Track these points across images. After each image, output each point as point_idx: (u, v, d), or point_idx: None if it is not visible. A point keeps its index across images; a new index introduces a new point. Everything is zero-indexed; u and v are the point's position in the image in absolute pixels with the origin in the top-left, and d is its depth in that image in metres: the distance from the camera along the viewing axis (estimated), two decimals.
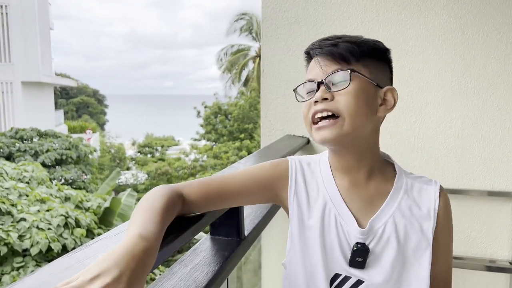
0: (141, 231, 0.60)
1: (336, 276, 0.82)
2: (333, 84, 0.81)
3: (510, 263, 2.09)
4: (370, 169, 0.87)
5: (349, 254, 0.81)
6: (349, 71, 0.80)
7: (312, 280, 0.83)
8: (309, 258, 0.83)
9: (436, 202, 0.85)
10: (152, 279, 5.69)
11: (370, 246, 0.81)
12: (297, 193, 0.87)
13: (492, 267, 2.09)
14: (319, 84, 0.81)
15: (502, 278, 2.14)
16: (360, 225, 0.82)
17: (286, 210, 0.90)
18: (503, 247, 2.12)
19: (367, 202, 0.85)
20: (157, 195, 0.72)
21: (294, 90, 0.88)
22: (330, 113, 0.79)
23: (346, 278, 0.81)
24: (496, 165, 2.08)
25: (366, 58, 0.82)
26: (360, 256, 0.80)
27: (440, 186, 0.87)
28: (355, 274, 0.81)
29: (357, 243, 0.81)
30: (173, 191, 0.76)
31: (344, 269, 0.81)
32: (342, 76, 0.80)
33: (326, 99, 0.80)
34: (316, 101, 0.81)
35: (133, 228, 0.62)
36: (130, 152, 22.42)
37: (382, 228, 0.82)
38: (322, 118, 0.80)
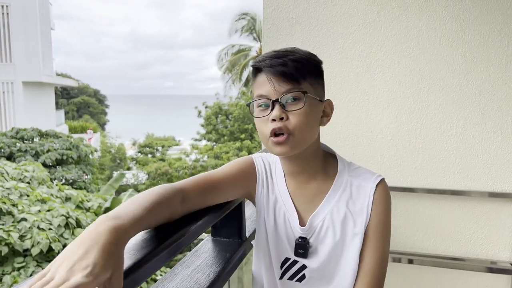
0: (111, 213, 0.63)
1: (286, 259, 0.98)
2: (286, 102, 0.89)
3: (511, 264, 2.08)
4: (313, 171, 0.98)
5: (294, 245, 0.96)
6: (302, 93, 0.89)
7: (269, 260, 0.99)
8: (266, 244, 0.99)
9: (370, 198, 0.95)
10: (154, 280, 5.69)
11: (310, 240, 0.96)
12: (262, 191, 1.01)
13: (493, 269, 2.09)
14: (274, 102, 0.89)
15: (503, 280, 2.13)
16: (302, 222, 0.97)
17: (253, 202, 1.03)
18: (504, 248, 2.12)
19: (309, 201, 0.97)
20: (151, 191, 0.76)
21: (248, 105, 0.95)
22: (282, 132, 0.88)
23: (294, 262, 0.98)
24: (497, 167, 2.08)
25: (311, 76, 0.91)
26: (301, 248, 0.96)
27: (380, 182, 0.96)
28: (300, 260, 0.97)
29: (299, 237, 0.96)
30: (171, 188, 0.79)
31: (291, 256, 0.97)
32: (295, 96, 0.89)
33: (282, 118, 0.88)
34: (273, 119, 0.88)
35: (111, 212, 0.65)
36: (131, 152, 22.42)
37: (320, 223, 0.95)
38: (278, 134, 0.89)
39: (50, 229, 6.24)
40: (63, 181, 11.52)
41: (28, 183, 7.61)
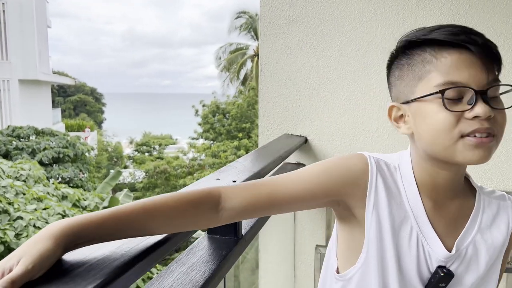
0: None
1: None
2: (490, 97, 0.71)
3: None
4: (459, 185, 0.82)
5: (426, 278, 0.78)
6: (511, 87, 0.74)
7: None
8: (382, 278, 0.78)
9: (510, 225, 0.84)
10: (150, 278, 5.69)
11: (453, 269, 0.78)
12: (377, 204, 0.77)
13: None
14: (477, 94, 0.70)
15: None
16: (446, 248, 0.78)
17: (349, 216, 0.80)
18: None
19: (451, 223, 0.80)
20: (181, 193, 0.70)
21: (442, 92, 0.70)
22: (487, 134, 0.71)
23: None
24: (496, 166, 2.09)
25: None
26: (443, 281, 0.77)
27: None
28: None
29: (441, 267, 0.77)
30: (208, 192, 0.71)
31: None
32: (498, 90, 0.74)
33: (489, 117, 0.70)
34: (476, 116, 0.70)
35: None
36: (128, 150, 22.40)
37: (465, 250, 0.79)
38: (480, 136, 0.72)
39: None
40: (60, 179, 11.49)
41: (24, 181, 7.58)
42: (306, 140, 2.17)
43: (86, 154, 12.98)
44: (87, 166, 12.86)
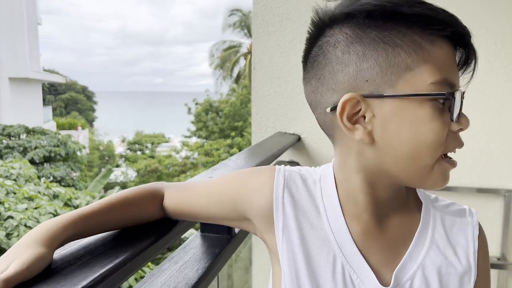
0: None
1: None
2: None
3: (498, 259, 2.11)
4: (398, 201, 0.64)
5: None
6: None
7: None
8: None
9: (476, 243, 0.65)
10: (142, 277, 5.66)
11: None
12: (287, 228, 0.62)
13: None
14: (463, 98, 0.57)
15: (491, 274, 2.16)
16: (381, 281, 0.60)
17: (272, 249, 0.64)
18: (491, 243, 2.14)
19: (388, 248, 0.63)
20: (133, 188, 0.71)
21: (451, 95, 0.55)
22: None
23: None
24: (485, 162, 2.10)
25: None
26: None
27: (476, 217, 0.68)
28: None
29: None
30: (153, 189, 0.72)
31: None
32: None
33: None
34: (460, 129, 0.58)
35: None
36: (120, 149, 22.26)
37: (409, 282, 0.61)
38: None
39: None
40: (51, 178, 11.40)
41: (15, 180, 7.51)
42: (299, 138, 2.17)
43: (78, 153, 12.89)
44: (79, 165, 12.78)
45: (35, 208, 6.42)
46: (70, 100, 34.03)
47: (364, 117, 0.57)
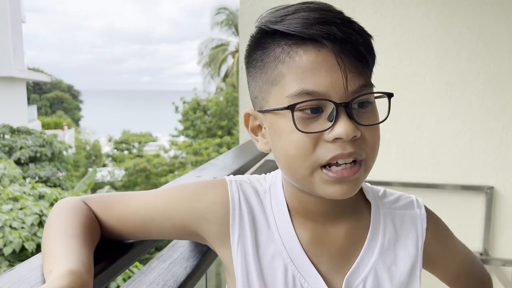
0: (68, 265, 0.49)
1: None
2: (354, 109, 0.54)
3: (481, 254, 2.16)
4: (345, 207, 0.63)
5: None
6: (388, 96, 0.58)
7: None
8: None
9: (423, 236, 0.67)
10: (130, 277, 5.63)
11: None
12: (243, 241, 0.61)
13: None
14: (339, 107, 0.53)
15: None
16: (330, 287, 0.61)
17: (224, 257, 0.64)
18: (474, 239, 2.19)
19: (339, 255, 0.63)
20: (69, 211, 0.59)
21: (291, 108, 0.54)
22: (352, 159, 0.55)
23: None
24: (468, 160, 2.15)
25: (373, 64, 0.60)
26: None
27: (425, 208, 0.69)
28: None
29: None
30: (84, 206, 0.62)
31: None
32: (368, 100, 0.56)
33: (354, 137, 0.54)
34: (337, 138, 0.53)
35: (54, 263, 0.50)
36: (107, 148, 22.04)
37: (361, 285, 0.62)
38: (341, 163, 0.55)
39: (23, 228, 6.08)
40: (37, 178, 11.24)
41: None
42: None
43: (64, 152, 12.73)
44: (65, 164, 12.62)
45: (21, 209, 6.33)
46: (55, 99, 33.55)
47: (262, 129, 0.62)
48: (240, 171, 1.26)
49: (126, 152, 20.33)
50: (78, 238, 0.55)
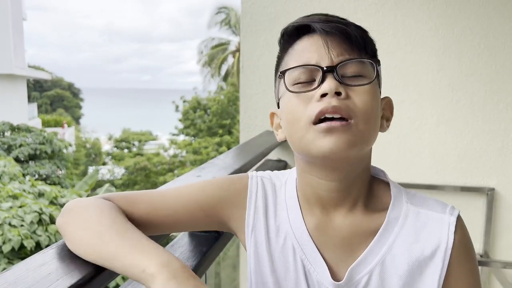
0: (158, 258, 0.52)
1: None
2: (344, 76, 0.61)
3: (481, 256, 2.15)
4: (354, 201, 0.66)
5: None
6: (373, 62, 0.63)
7: None
8: None
9: (450, 238, 0.63)
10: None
11: None
12: (256, 227, 0.69)
13: None
14: (326, 72, 0.60)
15: None
16: (335, 276, 0.64)
17: (242, 241, 0.72)
18: (475, 240, 2.17)
19: (343, 245, 0.65)
20: (102, 210, 0.61)
21: (282, 73, 0.64)
22: (339, 116, 0.59)
23: None
24: (468, 161, 2.14)
25: (374, 54, 0.66)
26: None
27: (458, 216, 0.65)
28: None
29: None
30: (111, 203, 0.64)
31: None
32: (360, 69, 0.62)
33: (339, 93, 0.59)
34: (324, 94, 0.60)
35: (140, 259, 0.53)
36: (107, 146, 22.03)
37: (366, 278, 0.63)
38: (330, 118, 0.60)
39: (22, 225, 6.08)
40: (37, 176, 11.24)
41: None
42: None
43: (64, 150, 12.72)
44: (65, 162, 12.62)
45: (20, 207, 6.32)
46: (55, 97, 33.54)
47: (280, 122, 0.71)
48: (241, 170, 1.25)
49: (126, 150, 20.33)
50: (136, 231, 0.58)
